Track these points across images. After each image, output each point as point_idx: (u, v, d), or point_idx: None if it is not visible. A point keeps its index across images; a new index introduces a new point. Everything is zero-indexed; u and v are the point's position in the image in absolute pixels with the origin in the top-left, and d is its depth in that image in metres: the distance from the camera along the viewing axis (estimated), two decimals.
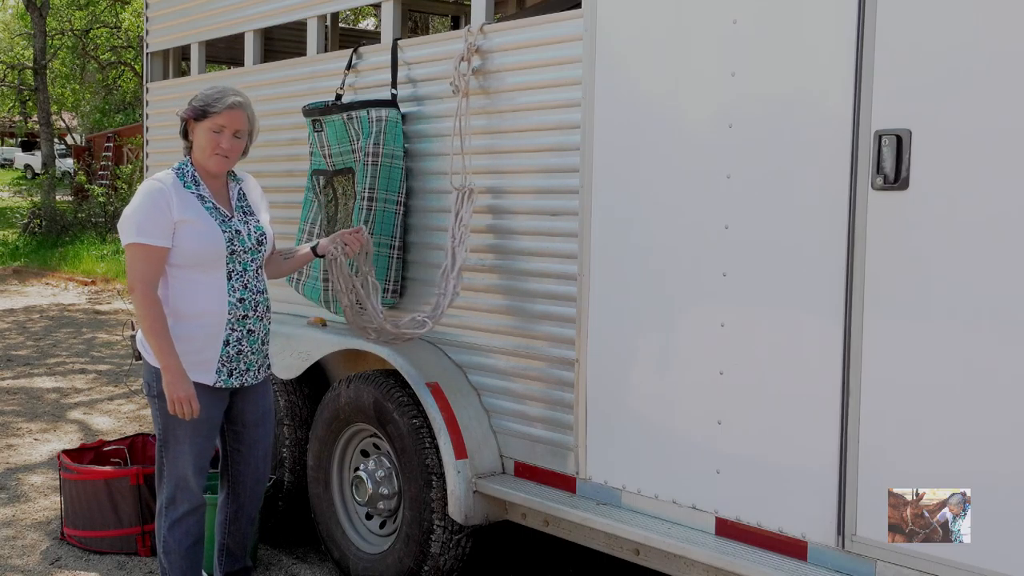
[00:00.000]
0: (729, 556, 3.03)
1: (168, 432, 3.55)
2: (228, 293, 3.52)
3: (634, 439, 3.38)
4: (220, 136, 3.53)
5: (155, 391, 3.53)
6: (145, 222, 3.42)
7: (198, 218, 3.47)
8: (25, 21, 27.14)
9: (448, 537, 3.87)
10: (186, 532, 3.62)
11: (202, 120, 3.53)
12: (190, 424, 3.50)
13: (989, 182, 2.56)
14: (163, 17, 5.93)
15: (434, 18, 10.13)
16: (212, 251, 3.48)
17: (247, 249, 3.57)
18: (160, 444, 3.59)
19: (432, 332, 4.04)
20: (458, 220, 3.76)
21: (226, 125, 3.52)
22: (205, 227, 3.48)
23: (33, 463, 6.14)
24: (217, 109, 3.51)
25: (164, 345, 3.41)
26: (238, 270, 3.55)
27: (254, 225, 3.63)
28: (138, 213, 3.44)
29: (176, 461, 3.56)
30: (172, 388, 3.40)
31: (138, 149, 19.40)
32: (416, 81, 4.13)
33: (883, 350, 2.76)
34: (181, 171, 3.57)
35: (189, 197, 3.50)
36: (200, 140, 3.54)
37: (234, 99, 3.54)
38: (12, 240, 19.88)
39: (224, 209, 3.57)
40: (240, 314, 3.54)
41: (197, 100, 3.56)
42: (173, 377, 3.40)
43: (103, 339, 10.64)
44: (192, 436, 3.54)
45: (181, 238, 3.45)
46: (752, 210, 3.03)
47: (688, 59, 3.20)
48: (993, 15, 2.55)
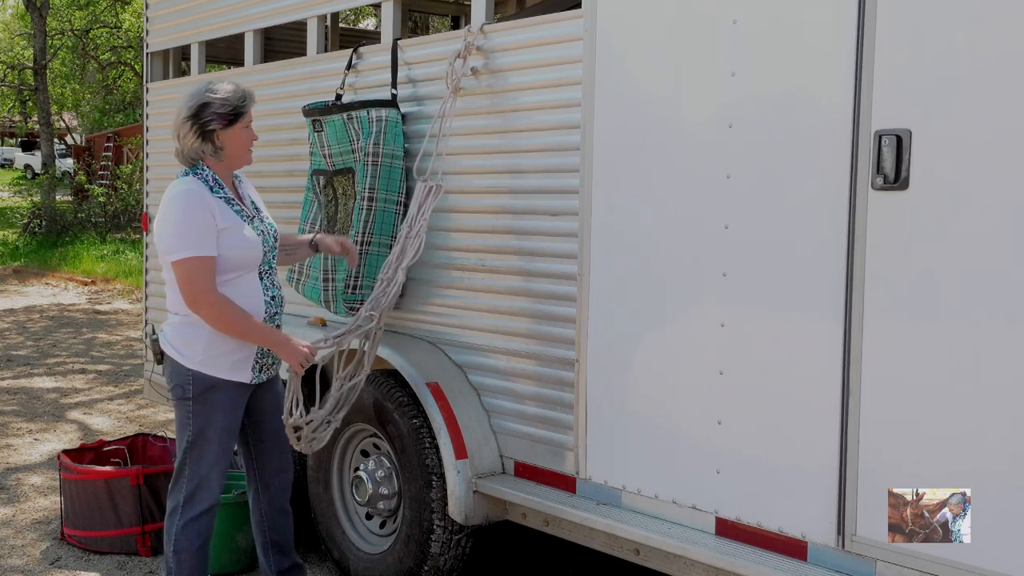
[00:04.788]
0: (729, 556, 3.03)
1: (198, 433, 3.55)
2: (263, 292, 3.56)
3: (634, 439, 3.38)
4: (251, 129, 3.58)
5: (189, 393, 3.52)
6: (195, 234, 3.39)
7: (236, 224, 3.48)
8: (25, 21, 27.14)
9: (448, 537, 3.87)
10: (198, 532, 3.61)
11: (235, 123, 3.51)
12: (221, 424, 3.54)
13: (989, 182, 2.56)
14: (163, 17, 5.93)
15: (434, 18, 10.13)
16: (253, 256, 3.51)
17: (271, 247, 3.62)
18: (187, 445, 3.58)
19: (432, 332, 4.04)
20: (419, 213, 3.75)
21: (251, 118, 3.58)
22: (245, 233, 3.50)
23: (33, 463, 6.14)
24: (246, 107, 3.53)
25: (260, 330, 3.47)
26: (266, 269, 3.60)
27: (268, 223, 3.66)
28: (185, 226, 3.41)
29: (201, 460, 3.57)
30: (293, 356, 3.47)
31: (138, 149, 19.39)
32: (416, 81, 4.13)
33: (883, 350, 2.76)
34: (201, 176, 3.52)
35: (220, 203, 3.49)
36: (237, 141, 3.53)
37: (248, 90, 3.58)
38: (12, 240, 19.89)
39: (246, 209, 3.59)
40: (272, 311, 3.60)
41: (219, 108, 3.47)
42: (289, 347, 3.48)
43: (103, 339, 10.63)
44: (220, 435, 3.57)
45: (225, 246, 3.44)
46: (752, 210, 3.03)
47: (688, 59, 3.20)
48: (993, 15, 2.55)
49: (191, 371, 3.50)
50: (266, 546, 3.88)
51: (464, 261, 3.95)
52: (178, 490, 3.61)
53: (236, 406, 3.58)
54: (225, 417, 3.56)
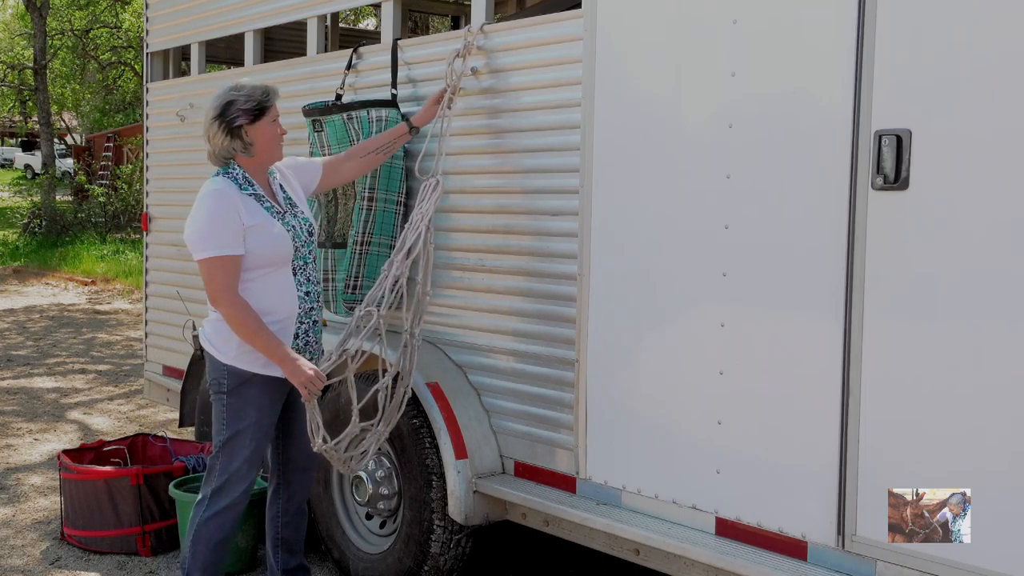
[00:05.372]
0: (729, 556, 3.03)
1: (233, 429, 3.59)
2: (296, 288, 3.58)
3: (634, 439, 3.38)
4: (278, 124, 3.61)
5: (224, 387, 3.57)
6: (219, 234, 3.44)
7: (264, 221, 3.51)
8: (25, 21, 27.14)
9: (448, 537, 3.88)
10: (220, 526, 3.64)
11: (261, 118, 3.54)
12: (255, 419, 3.58)
13: (989, 182, 2.56)
14: (163, 17, 5.93)
15: (434, 18, 10.13)
16: (283, 252, 3.54)
17: (304, 243, 3.63)
18: (221, 440, 3.61)
19: (432, 332, 4.04)
20: (420, 209, 3.75)
21: (278, 112, 3.61)
22: (273, 230, 3.52)
23: (32, 463, 6.14)
24: (270, 101, 3.57)
25: (270, 341, 3.46)
26: (300, 264, 3.61)
27: (302, 217, 3.67)
28: (210, 225, 3.45)
29: (234, 455, 3.60)
30: (295, 375, 3.46)
31: (138, 149, 19.40)
32: (416, 81, 4.13)
33: (883, 350, 2.76)
34: (231, 176, 3.56)
35: (249, 200, 3.52)
36: (266, 136, 3.56)
37: (272, 85, 3.62)
38: (12, 240, 19.89)
39: (277, 206, 3.61)
40: (307, 307, 3.63)
41: (244, 104, 3.51)
42: (291, 366, 3.47)
43: (103, 339, 10.64)
44: (255, 432, 3.60)
45: (253, 244, 3.47)
46: (752, 210, 3.03)
47: (688, 59, 3.20)
48: (993, 15, 2.55)
49: (227, 366, 3.56)
50: (276, 542, 3.89)
51: (464, 261, 3.95)
52: (209, 483, 3.65)
53: (271, 402, 3.62)
54: (260, 413, 3.60)
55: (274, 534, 3.90)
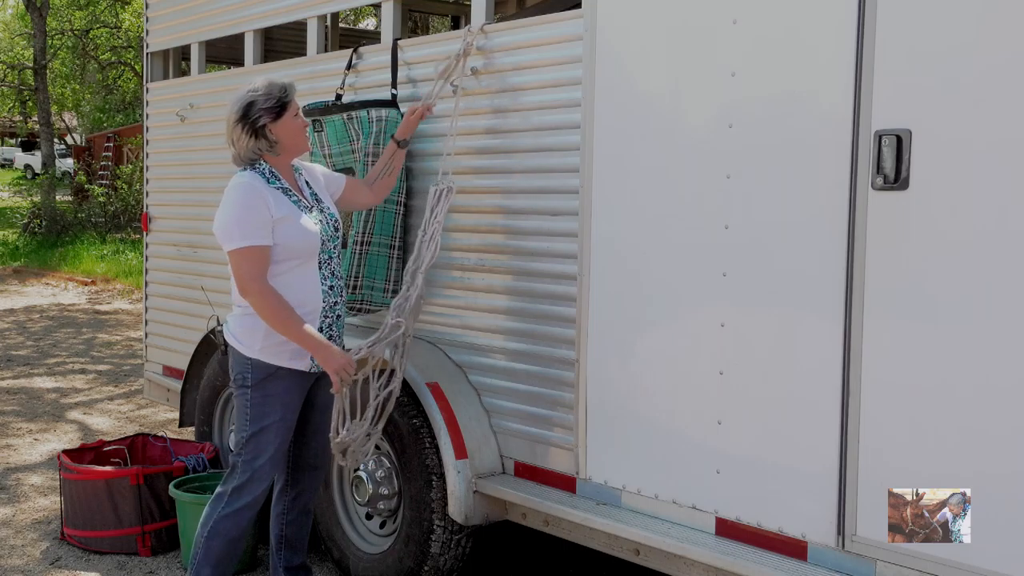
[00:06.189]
0: (729, 556, 3.03)
1: (258, 425, 3.58)
2: (321, 282, 3.58)
3: (634, 439, 3.38)
4: (300, 117, 3.62)
5: (249, 382, 3.57)
6: (248, 225, 3.44)
7: (292, 214, 3.52)
8: (25, 21, 27.16)
9: (448, 537, 3.88)
10: (236, 523, 3.64)
11: (283, 114, 3.55)
12: (280, 415, 3.58)
13: (989, 182, 2.56)
14: (163, 17, 5.93)
15: (434, 18, 10.13)
16: (310, 245, 3.54)
17: (329, 236, 3.64)
18: (245, 436, 3.60)
19: (432, 332, 4.04)
20: (432, 216, 3.76)
21: (297, 106, 3.62)
22: (301, 222, 3.52)
23: (32, 463, 6.14)
24: (290, 96, 3.58)
25: (300, 331, 3.46)
26: (325, 258, 3.62)
27: (328, 212, 3.68)
28: (238, 217, 3.46)
29: (258, 450, 3.60)
30: (330, 362, 3.48)
31: (138, 149, 19.40)
32: (416, 81, 4.14)
33: (883, 350, 2.76)
34: (258, 170, 3.57)
35: (277, 193, 3.53)
36: (289, 131, 3.57)
37: (288, 81, 3.63)
38: (12, 240, 19.89)
39: (304, 200, 3.62)
40: (332, 301, 3.63)
41: (265, 103, 3.52)
42: (325, 352, 3.48)
43: (103, 339, 10.64)
44: (278, 426, 3.60)
45: (281, 236, 3.48)
46: (752, 210, 3.03)
47: (688, 59, 3.20)
48: (993, 16, 2.55)
49: (251, 359, 3.56)
50: (280, 539, 3.90)
51: (464, 261, 3.95)
52: (230, 479, 3.64)
53: (295, 396, 3.62)
54: (285, 409, 3.60)
55: (278, 532, 3.90)
